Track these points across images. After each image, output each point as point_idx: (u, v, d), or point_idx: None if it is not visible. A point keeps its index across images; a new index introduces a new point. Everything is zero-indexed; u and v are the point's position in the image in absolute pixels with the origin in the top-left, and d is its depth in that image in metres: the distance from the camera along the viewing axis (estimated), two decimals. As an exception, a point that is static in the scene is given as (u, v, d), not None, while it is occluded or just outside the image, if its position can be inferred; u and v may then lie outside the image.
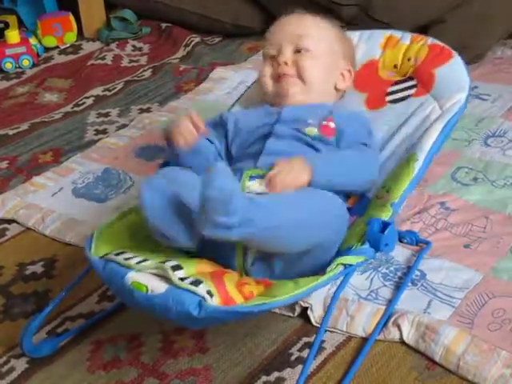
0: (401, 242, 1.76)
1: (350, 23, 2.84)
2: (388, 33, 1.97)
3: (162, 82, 2.77)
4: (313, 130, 1.68)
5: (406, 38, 1.94)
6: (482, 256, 1.73)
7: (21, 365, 1.56)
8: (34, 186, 2.15)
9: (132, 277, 1.36)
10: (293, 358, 1.52)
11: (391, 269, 1.71)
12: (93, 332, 1.63)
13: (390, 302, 1.60)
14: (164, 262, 1.36)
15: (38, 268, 1.84)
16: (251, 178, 1.58)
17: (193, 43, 3.02)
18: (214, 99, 2.57)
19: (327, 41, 1.79)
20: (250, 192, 1.54)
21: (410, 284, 1.66)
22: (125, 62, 2.98)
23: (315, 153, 1.64)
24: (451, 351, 1.47)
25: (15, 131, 2.49)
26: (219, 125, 1.76)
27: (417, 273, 1.69)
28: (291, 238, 1.42)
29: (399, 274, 1.69)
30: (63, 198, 2.09)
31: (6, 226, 2.01)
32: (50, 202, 2.06)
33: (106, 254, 1.45)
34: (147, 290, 1.33)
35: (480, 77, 2.56)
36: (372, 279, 1.68)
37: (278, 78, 1.75)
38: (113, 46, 3.09)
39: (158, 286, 1.33)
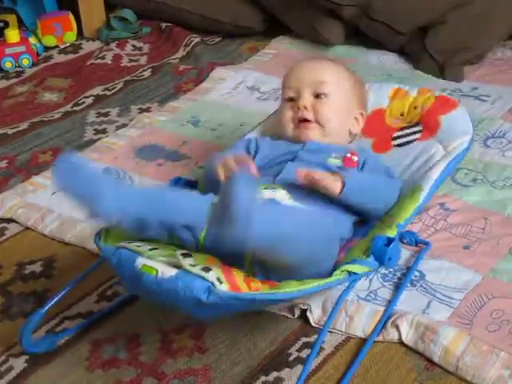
0: (400, 242, 1.76)
1: (349, 23, 2.85)
2: (396, 85, 2.06)
3: (162, 81, 2.77)
4: (336, 161, 1.76)
5: (413, 91, 2.02)
6: (481, 257, 1.73)
7: (20, 364, 1.56)
8: (33, 185, 2.15)
9: (142, 261, 1.38)
10: (291, 358, 1.52)
11: (390, 269, 1.71)
12: (92, 331, 1.62)
13: (389, 303, 1.60)
14: (174, 251, 1.39)
15: (37, 267, 1.83)
16: (265, 189, 1.62)
17: (193, 43, 3.02)
18: (214, 99, 2.57)
19: (344, 86, 1.86)
20: (261, 198, 1.58)
21: (409, 285, 1.66)
22: (124, 62, 2.97)
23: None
24: (450, 352, 1.47)
25: (15, 130, 2.49)
26: (245, 148, 1.84)
27: (416, 273, 1.69)
28: (290, 249, 1.43)
29: (398, 274, 1.69)
30: (62, 198, 2.07)
31: (5, 225, 2.01)
32: (50, 202, 2.05)
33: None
34: (157, 273, 1.35)
35: (480, 78, 2.57)
36: (371, 280, 1.68)
37: (297, 122, 1.82)
38: (112, 45, 3.09)
39: (168, 270, 1.35)
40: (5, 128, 2.51)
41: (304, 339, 1.56)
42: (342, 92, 1.84)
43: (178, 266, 1.36)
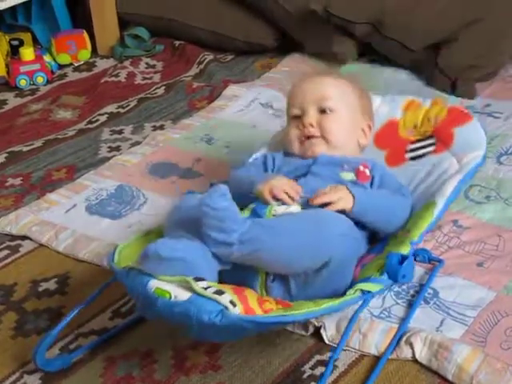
0: (414, 259, 1.76)
1: (362, 41, 2.85)
2: (410, 97, 2.07)
3: (175, 99, 2.78)
4: (349, 175, 1.77)
5: (426, 102, 2.03)
6: (494, 274, 1.73)
7: (33, 381, 1.56)
8: (47, 202, 2.16)
9: (155, 284, 1.38)
10: (305, 375, 1.52)
11: (404, 287, 1.70)
12: (106, 348, 1.63)
13: (403, 321, 1.60)
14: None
15: (51, 285, 1.84)
16: (279, 205, 1.64)
17: (206, 61, 3.03)
18: (227, 117, 2.58)
19: (349, 100, 1.86)
20: (275, 214, 1.62)
21: (422, 302, 1.66)
22: (138, 80, 2.99)
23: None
24: (464, 370, 1.47)
25: (29, 148, 2.50)
26: (263, 164, 1.87)
27: (429, 291, 1.69)
28: (292, 257, 1.48)
29: (412, 292, 1.69)
30: (77, 215, 2.09)
31: (19, 242, 2.02)
32: (64, 219, 2.07)
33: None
34: (170, 297, 1.35)
35: (492, 94, 2.57)
36: (384, 297, 1.68)
37: (303, 139, 1.83)
38: (126, 63, 3.10)
39: (181, 293, 1.36)
40: (19, 145, 2.52)
41: (318, 357, 1.56)
42: (347, 105, 1.84)
43: (190, 289, 1.36)
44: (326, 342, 1.58)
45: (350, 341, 1.57)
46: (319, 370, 1.52)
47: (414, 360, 1.53)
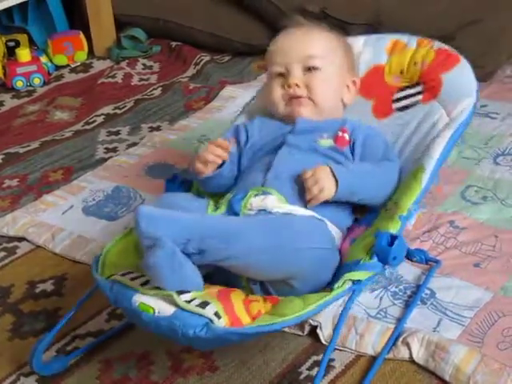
0: (410, 260, 1.76)
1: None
2: (394, 37, 1.97)
3: (172, 100, 2.78)
4: (327, 142, 1.70)
5: (412, 43, 1.94)
6: (491, 275, 1.73)
7: (30, 383, 1.56)
8: (44, 204, 2.16)
9: (139, 299, 1.37)
10: (302, 376, 1.52)
11: (400, 287, 1.70)
12: (102, 350, 1.63)
13: (400, 321, 1.60)
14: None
15: (48, 286, 1.84)
16: (256, 195, 1.60)
17: (202, 62, 3.03)
18: (224, 118, 2.58)
19: (335, 57, 1.78)
20: (251, 208, 1.58)
21: (419, 303, 1.65)
22: (135, 81, 2.99)
23: (329, 164, 1.63)
24: (461, 370, 1.47)
25: (26, 149, 2.50)
26: (237, 136, 1.79)
27: (426, 291, 1.69)
28: (258, 265, 1.45)
29: (408, 292, 1.69)
30: (73, 216, 2.09)
31: (16, 243, 2.01)
32: (60, 220, 2.06)
33: (113, 275, 1.46)
34: (154, 312, 1.34)
35: (489, 95, 2.56)
36: (381, 298, 1.68)
37: (289, 99, 1.75)
38: (123, 64, 3.10)
39: (165, 308, 1.35)
40: (16, 147, 2.52)
41: (314, 357, 1.56)
42: (334, 62, 1.76)
43: (175, 303, 1.34)
44: (323, 342, 1.58)
45: (347, 341, 1.57)
46: (316, 371, 1.51)
47: (411, 360, 1.52)
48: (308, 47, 1.76)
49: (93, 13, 3.21)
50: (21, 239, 2.03)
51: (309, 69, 1.74)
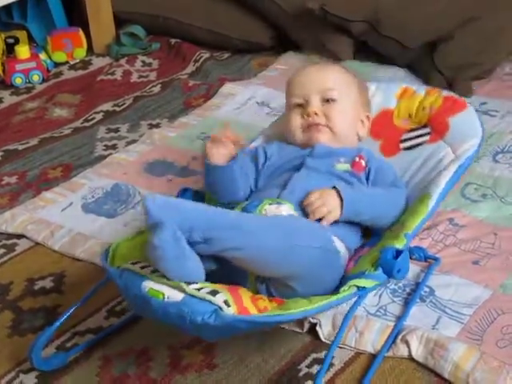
0: (410, 257, 1.75)
1: (358, 39, 2.85)
2: (404, 85, 2.06)
3: (172, 97, 2.77)
4: (344, 166, 1.76)
5: (421, 90, 2.02)
6: (490, 272, 1.73)
7: (30, 380, 1.56)
8: (43, 201, 2.15)
9: (148, 285, 1.38)
10: (301, 374, 1.52)
11: (400, 285, 1.71)
12: (102, 347, 1.63)
13: (399, 319, 1.60)
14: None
15: (48, 283, 1.84)
16: (270, 204, 1.62)
17: (202, 59, 3.03)
18: (223, 115, 2.58)
19: (351, 91, 1.86)
20: (266, 214, 1.60)
21: (418, 300, 1.66)
22: (134, 78, 2.98)
23: (345, 185, 1.70)
24: (460, 368, 1.47)
25: (25, 146, 2.50)
26: (252, 159, 1.84)
27: (425, 289, 1.69)
28: (260, 261, 1.46)
29: (408, 290, 1.69)
30: (72, 214, 2.09)
31: (15, 241, 2.01)
32: (60, 218, 2.06)
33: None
34: (164, 297, 1.35)
35: (488, 93, 2.56)
36: (381, 295, 1.68)
37: (307, 127, 1.81)
38: (122, 61, 3.10)
39: (174, 294, 1.36)
40: (15, 144, 2.52)
41: (314, 355, 1.56)
42: (349, 96, 1.84)
43: (184, 290, 1.36)
44: (322, 339, 1.58)
45: (346, 339, 1.57)
46: (315, 369, 1.52)
47: (411, 358, 1.53)
48: (326, 80, 1.84)
49: (92, 10, 3.20)
50: (20, 236, 2.03)
51: (327, 100, 1.81)
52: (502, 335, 1.55)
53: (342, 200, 1.64)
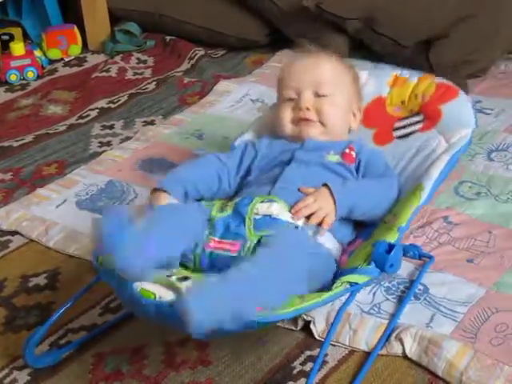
0: (404, 255, 1.75)
1: (353, 37, 2.85)
2: (396, 72, 2.05)
3: (166, 94, 2.77)
4: (334, 157, 1.75)
5: (413, 77, 2.01)
6: (485, 270, 1.73)
7: (23, 377, 1.56)
8: (37, 197, 2.15)
9: (140, 285, 1.37)
10: (295, 371, 1.52)
11: (394, 283, 1.71)
12: (95, 344, 1.62)
13: (393, 316, 1.60)
14: (170, 276, 1.38)
15: (41, 280, 1.84)
16: (261, 202, 1.62)
17: (197, 56, 3.03)
18: (218, 112, 2.58)
19: (344, 84, 1.84)
20: (257, 213, 1.59)
21: (412, 298, 1.66)
22: (129, 75, 2.98)
23: (335, 178, 1.70)
24: (454, 366, 1.47)
25: (19, 143, 2.50)
26: (240, 156, 1.83)
27: (420, 287, 1.69)
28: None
29: (402, 287, 1.69)
30: (67, 210, 2.09)
31: (9, 237, 2.01)
32: (54, 214, 2.06)
33: None
34: (155, 297, 1.34)
35: (483, 91, 2.57)
36: (375, 293, 1.68)
37: (298, 121, 1.81)
38: (117, 58, 3.10)
39: (165, 294, 1.35)
40: (10, 140, 2.52)
41: (308, 352, 1.56)
42: (342, 89, 1.83)
43: (176, 290, 1.34)
44: (316, 337, 1.58)
45: (340, 336, 1.57)
46: (309, 366, 1.52)
47: (404, 356, 1.53)
48: (318, 74, 1.82)
49: (87, 7, 3.20)
50: (14, 233, 2.02)
51: (319, 95, 1.80)
52: (496, 333, 1.55)
53: (334, 200, 1.63)
